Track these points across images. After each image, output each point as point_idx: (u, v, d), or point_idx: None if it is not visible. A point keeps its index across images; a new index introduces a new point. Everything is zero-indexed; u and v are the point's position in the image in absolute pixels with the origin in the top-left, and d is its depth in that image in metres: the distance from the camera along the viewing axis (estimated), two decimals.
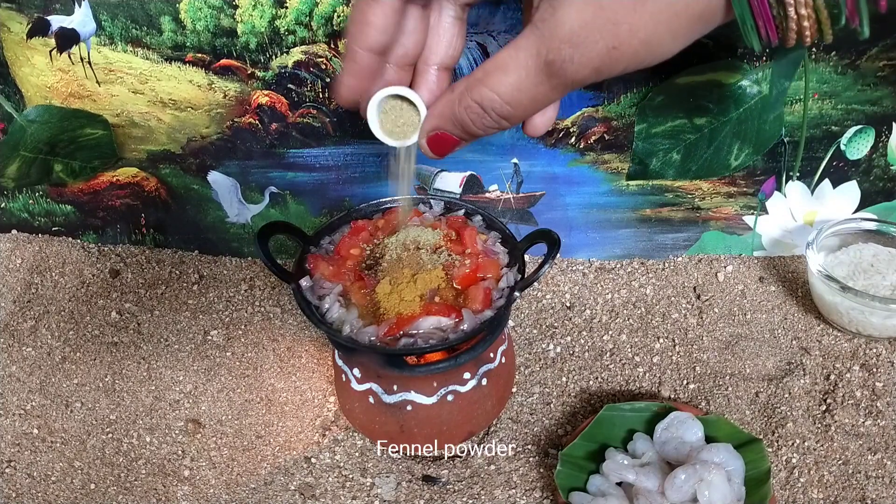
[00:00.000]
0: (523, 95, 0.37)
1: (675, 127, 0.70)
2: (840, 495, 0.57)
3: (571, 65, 0.35)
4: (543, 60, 0.35)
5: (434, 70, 0.44)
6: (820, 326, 0.72)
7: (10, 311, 0.77)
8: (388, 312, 0.53)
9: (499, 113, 0.38)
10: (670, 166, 0.72)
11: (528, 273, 0.56)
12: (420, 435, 0.59)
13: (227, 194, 0.78)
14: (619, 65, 0.35)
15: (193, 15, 0.66)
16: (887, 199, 0.75)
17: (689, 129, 0.70)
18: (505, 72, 0.37)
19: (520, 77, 0.36)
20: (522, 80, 0.36)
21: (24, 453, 0.64)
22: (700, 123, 0.69)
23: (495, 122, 0.39)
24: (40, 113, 0.74)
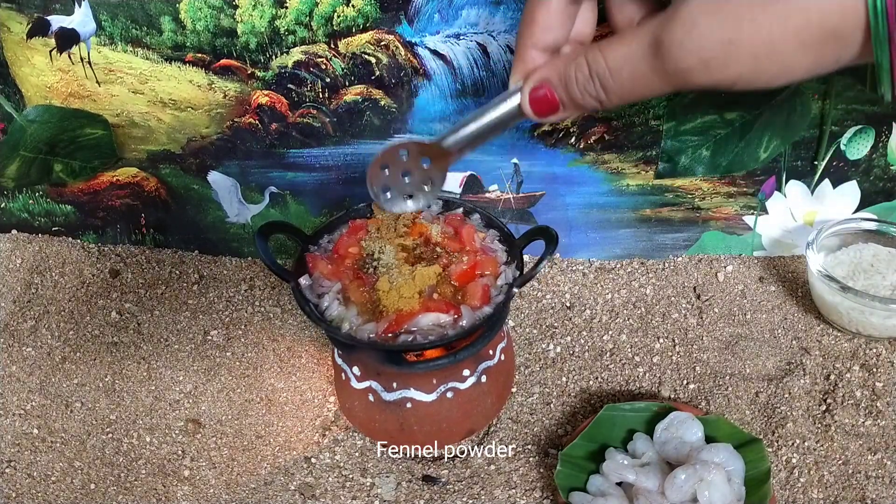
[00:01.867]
0: (626, 68, 0.36)
1: (705, 123, 0.70)
2: (840, 495, 0.57)
3: (680, 49, 0.33)
4: (655, 38, 0.34)
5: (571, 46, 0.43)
6: (820, 326, 0.72)
7: (10, 311, 0.77)
8: (387, 310, 0.53)
9: (601, 80, 0.37)
10: (699, 162, 0.72)
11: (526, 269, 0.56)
12: (420, 433, 0.59)
13: (227, 194, 0.78)
14: (733, 66, 0.33)
15: (193, 15, 0.66)
16: (887, 199, 0.75)
17: (720, 124, 0.70)
18: (620, 41, 0.36)
19: (630, 49, 0.36)
20: (631, 52, 0.35)
21: (24, 453, 0.64)
22: (731, 118, 0.69)
23: (595, 91, 0.38)
24: (40, 113, 0.74)
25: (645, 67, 0.35)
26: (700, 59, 0.33)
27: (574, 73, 0.38)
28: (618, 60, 0.36)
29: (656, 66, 0.35)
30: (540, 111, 0.41)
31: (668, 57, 0.34)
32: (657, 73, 0.35)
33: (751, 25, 0.31)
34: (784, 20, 0.31)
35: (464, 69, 0.68)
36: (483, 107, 0.43)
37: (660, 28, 0.34)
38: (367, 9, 0.65)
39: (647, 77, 0.36)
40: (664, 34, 0.34)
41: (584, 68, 0.38)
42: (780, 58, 0.32)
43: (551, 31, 0.40)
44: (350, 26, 0.66)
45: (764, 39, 0.31)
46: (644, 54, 0.35)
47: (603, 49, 0.37)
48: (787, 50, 0.32)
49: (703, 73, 0.34)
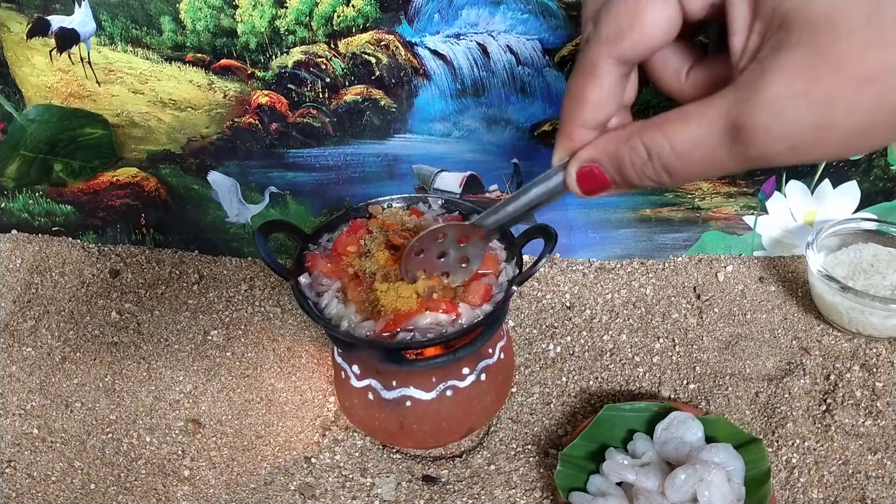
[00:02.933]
0: (697, 153, 0.32)
1: None
2: (840, 495, 0.57)
3: (766, 135, 0.30)
4: (733, 122, 0.31)
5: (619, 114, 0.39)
6: (820, 326, 0.72)
7: (10, 311, 0.77)
8: (387, 308, 0.53)
9: (665, 164, 0.34)
10: None
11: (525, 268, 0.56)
12: (419, 431, 0.59)
13: (227, 194, 0.78)
14: (823, 149, 0.30)
15: (193, 15, 0.66)
16: (887, 199, 0.75)
17: None
18: (686, 122, 0.32)
19: (700, 132, 0.32)
20: (703, 136, 0.32)
21: (24, 453, 0.64)
22: None
23: (656, 173, 0.34)
24: (40, 113, 0.74)
25: (721, 153, 0.32)
26: (789, 145, 0.30)
27: (628, 156, 0.35)
28: (686, 144, 0.33)
29: (735, 152, 0.31)
30: (589, 190, 0.38)
31: (751, 143, 0.31)
32: (735, 157, 0.32)
33: (844, 110, 0.29)
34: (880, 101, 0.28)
35: (464, 69, 0.68)
36: (525, 185, 0.41)
37: (738, 111, 0.30)
38: (367, 9, 0.65)
39: (722, 162, 0.32)
40: (745, 118, 0.30)
41: (640, 151, 0.34)
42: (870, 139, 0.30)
43: (602, 109, 0.36)
44: (350, 26, 0.66)
45: (858, 124, 0.29)
46: (720, 139, 0.31)
47: (665, 131, 0.33)
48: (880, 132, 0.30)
49: (790, 156, 0.31)
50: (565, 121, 0.37)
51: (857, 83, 0.28)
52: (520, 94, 0.69)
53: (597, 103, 0.36)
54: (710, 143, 0.32)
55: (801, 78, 0.29)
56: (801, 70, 0.29)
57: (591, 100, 0.36)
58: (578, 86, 0.36)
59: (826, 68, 0.28)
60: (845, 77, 0.28)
